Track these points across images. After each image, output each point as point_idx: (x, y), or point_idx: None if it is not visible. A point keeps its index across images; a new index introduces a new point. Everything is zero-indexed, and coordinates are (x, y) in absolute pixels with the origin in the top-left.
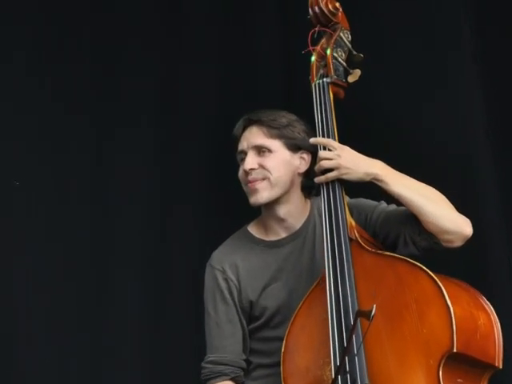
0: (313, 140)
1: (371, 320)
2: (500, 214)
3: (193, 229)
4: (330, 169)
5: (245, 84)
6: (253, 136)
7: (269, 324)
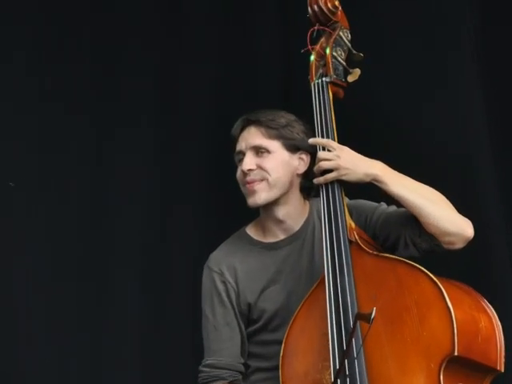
0: (312, 140)
1: (371, 323)
2: (500, 214)
3: (193, 229)
4: (330, 170)
5: (244, 84)
6: (251, 136)
7: (267, 327)
